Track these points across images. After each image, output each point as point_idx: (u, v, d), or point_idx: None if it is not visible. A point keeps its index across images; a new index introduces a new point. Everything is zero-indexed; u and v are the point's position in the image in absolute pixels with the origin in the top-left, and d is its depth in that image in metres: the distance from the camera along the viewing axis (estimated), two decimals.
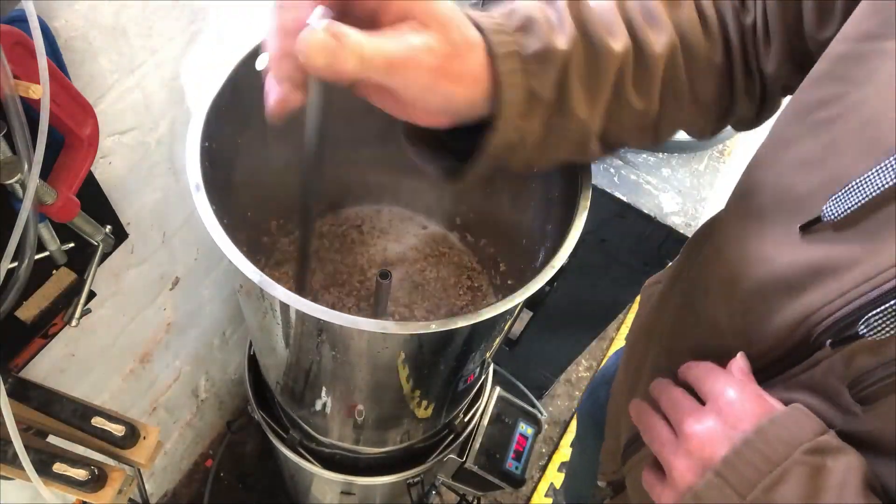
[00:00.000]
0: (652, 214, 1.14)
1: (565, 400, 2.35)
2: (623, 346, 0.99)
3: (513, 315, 0.83)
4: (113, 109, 0.85)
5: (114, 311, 1.11)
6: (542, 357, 1.81)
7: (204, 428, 1.86)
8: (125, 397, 1.33)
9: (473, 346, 0.85)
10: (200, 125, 0.71)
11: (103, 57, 0.78)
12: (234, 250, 0.64)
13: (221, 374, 1.75)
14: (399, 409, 0.98)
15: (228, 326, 1.61)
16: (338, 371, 0.83)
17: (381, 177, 1.17)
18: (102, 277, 1.02)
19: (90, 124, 0.72)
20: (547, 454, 2.24)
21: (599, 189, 1.16)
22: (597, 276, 1.35)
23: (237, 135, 0.85)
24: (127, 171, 0.95)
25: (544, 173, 0.92)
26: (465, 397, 1.16)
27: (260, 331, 0.87)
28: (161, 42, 0.87)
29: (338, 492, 1.32)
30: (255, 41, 0.79)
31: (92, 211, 0.82)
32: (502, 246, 1.13)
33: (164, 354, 1.38)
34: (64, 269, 0.86)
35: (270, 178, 1.02)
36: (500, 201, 1.06)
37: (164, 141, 0.99)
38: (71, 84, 0.68)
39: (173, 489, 1.88)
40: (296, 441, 1.17)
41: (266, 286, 0.63)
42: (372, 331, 0.64)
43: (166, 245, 1.15)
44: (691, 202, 1.17)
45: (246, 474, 1.96)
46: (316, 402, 0.98)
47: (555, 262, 0.72)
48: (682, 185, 1.20)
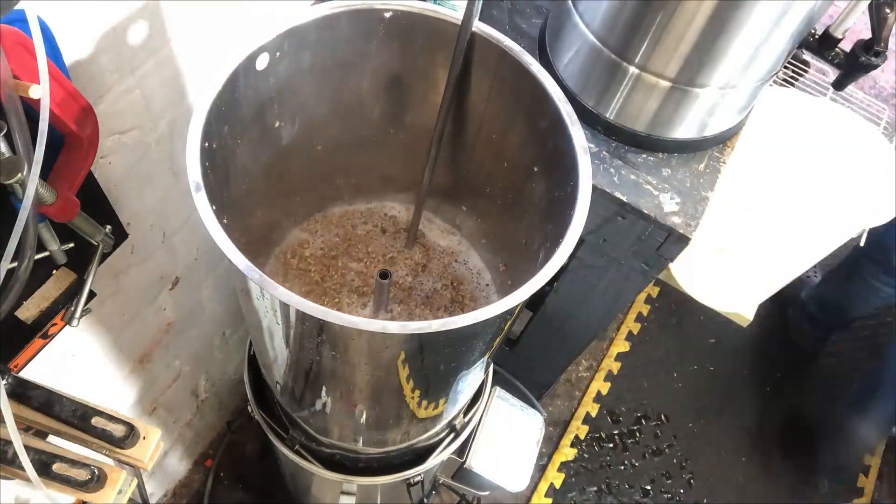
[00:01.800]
0: (652, 214, 1.14)
1: (565, 400, 2.35)
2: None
3: (513, 315, 0.83)
4: (113, 109, 0.85)
5: (114, 311, 1.11)
6: (542, 357, 1.81)
7: (204, 428, 1.86)
8: (125, 397, 1.33)
9: (473, 346, 0.85)
10: (200, 125, 0.71)
11: (103, 57, 0.78)
12: (234, 250, 0.64)
13: (221, 374, 1.75)
14: (399, 409, 0.97)
15: (228, 326, 1.61)
16: (338, 371, 0.83)
17: (381, 177, 1.17)
18: (102, 277, 1.02)
19: (90, 124, 0.72)
20: (547, 454, 2.23)
21: (599, 189, 1.16)
22: (597, 276, 1.35)
23: (237, 135, 0.85)
24: (127, 171, 0.95)
25: (544, 173, 0.92)
26: (465, 397, 1.16)
27: (260, 331, 0.87)
28: (161, 42, 0.87)
29: (338, 492, 1.32)
30: (256, 41, 0.79)
31: (92, 211, 0.82)
32: (502, 246, 1.13)
33: (164, 354, 1.38)
34: (64, 269, 0.86)
35: (271, 178, 1.02)
36: (501, 202, 1.06)
37: (164, 141, 0.99)
38: (71, 84, 0.68)
39: (173, 489, 1.88)
40: (296, 441, 1.17)
41: (266, 286, 0.63)
42: (372, 331, 0.64)
43: (166, 245, 1.15)
44: (691, 202, 1.17)
45: (246, 474, 1.96)
46: (316, 402, 0.98)
47: (555, 262, 0.72)
48: (682, 185, 1.19)
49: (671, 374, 2.47)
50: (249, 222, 1.03)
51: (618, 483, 2.22)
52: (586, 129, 1.23)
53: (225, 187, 0.85)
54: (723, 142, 1.28)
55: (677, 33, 1.02)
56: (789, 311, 2.59)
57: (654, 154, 1.23)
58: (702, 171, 1.24)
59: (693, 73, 1.08)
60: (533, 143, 0.91)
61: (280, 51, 0.82)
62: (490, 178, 1.07)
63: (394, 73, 0.96)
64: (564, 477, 2.20)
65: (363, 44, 0.90)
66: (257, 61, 0.81)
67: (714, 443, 2.36)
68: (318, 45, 0.87)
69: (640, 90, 1.14)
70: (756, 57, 1.06)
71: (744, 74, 1.09)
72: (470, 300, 1.17)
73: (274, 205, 1.09)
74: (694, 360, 2.51)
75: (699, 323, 2.57)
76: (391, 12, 0.86)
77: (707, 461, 2.32)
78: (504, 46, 0.86)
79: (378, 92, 0.99)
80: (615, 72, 1.13)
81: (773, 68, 1.12)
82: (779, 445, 2.40)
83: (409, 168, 1.12)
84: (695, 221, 1.16)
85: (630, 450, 2.29)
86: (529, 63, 0.85)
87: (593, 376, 2.42)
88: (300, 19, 0.82)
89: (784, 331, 2.59)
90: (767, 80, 1.15)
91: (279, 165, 1.01)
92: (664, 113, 1.16)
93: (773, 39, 1.03)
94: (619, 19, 1.08)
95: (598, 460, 2.26)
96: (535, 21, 1.35)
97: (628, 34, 1.08)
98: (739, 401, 2.46)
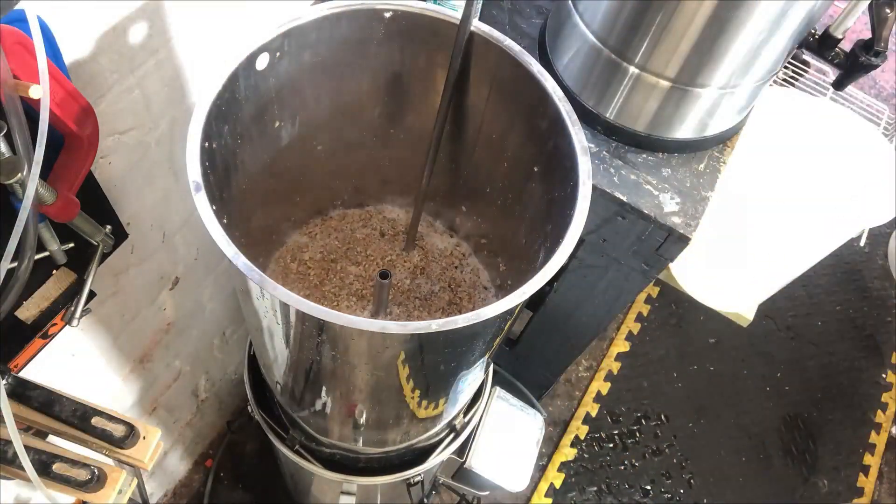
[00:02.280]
0: (652, 214, 1.14)
1: (565, 400, 2.35)
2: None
3: (513, 315, 0.83)
4: (113, 109, 0.85)
5: (114, 311, 1.11)
6: (542, 357, 1.81)
7: (204, 428, 1.86)
8: (125, 397, 1.33)
9: (473, 346, 0.85)
10: (201, 124, 0.71)
11: (103, 57, 0.78)
12: (234, 250, 0.64)
13: (221, 374, 1.75)
14: (399, 409, 0.97)
15: (228, 326, 1.61)
16: (338, 371, 0.83)
17: (381, 179, 1.17)
18: (102, 277, 1.02)
19: (90, 124, 0.72)
20: (547, 454, 2.23)
21: (599, 189, 1.16)
22: (597, 276, 1.35)
23: (237, 135, 0.85)
24: (127, 171, 0.95)
25: (544, 173, 0.92)
26: (465, 397, 1.16)
27: (260, 331, 0.87)
28: (161, 42, 0.87)
29: (338, 492, 1.32)
30: (256, 41, 0.79)
31: (92, 211, 0.82)
32: (502, 246, 1.13)
33: (164, 354, 1.38)
34: (64, 269, 0.86)
35: (270, 178, 1.02)
36: (500, 202, 1.06)
37: (164, 141, 0.99)
38: (71, 84, 0.68)
39: (173, 489, 1.88)
40: (296, 441, 1.17)
41: (266, 286, 0.63)
42: (372, 331, 0.64)
43: (166, 245, 1.15)
44: (691, 202, 1.17)
45: (246, 474, 1.96)
46: (316, 402, 0.98)
47: (555, 263, 0.72)
48: (682, 185, 1.19)
49: (671, 374, 2.47)
50: (249, 223, 1.03)
51: (618, 483, 2.22)
52: (586, 129, 1.23)
53: (225, 187, 0.85)
54: (723, 142, 1.28)
55: (677, 33, 1.02)
56: None
57: (654, 154, 1.23)
58: (702, 171, 1.24)
59: (693, 73, 1.08)
60: (533, 144, 0.91)
61: (280, 51, 0.83)
62: (490, 178, 1.07)
63: (394, 73, 0.96)
64: (564, 477, 2.20)
65: (363, 44, 0.90)
66: (257, 61, 0.81)
67: (714, 443, 2.36)
68: (318, 45, 0.87)
69: (640, 90, 1.14)
70: (756, 57, 1.06)
71: (744, 74, 1.09)
72: (468, 301, 1.17)
73: (273, 206, 1.09)
74: (694, 360, 2.51)
75: (699, 323, 2.57)
76: (391, 12, 0.86)
77: (707, 461, 2.32)
78: (504, 46, 0.86)
79: (378, 92, 0.99)
80: (615, 72, 1.13)
81: (773, 68, 1.12)
82: (779, 445, 2.40)
83: (408, 168, 1.12)
84: (695, 221, 1.16)
85: (630, 450, 2.29)
86: (529, 63, 0.85)
87: (593, 376, 2.42)
88: (300, 19, 0.82)
89: (784, 331, 2.60)
90: (767, 80, 1.15)
91: (279, 165, 1.01)
92: (664, 113, 1.16)
93: (773, 39, 1.03)
94: (619, 19, 1.08)
95: (598, 460, 2.26)
96: (535, 21, 1.35)
97: (628, 34, 1.08)
98: (739, 401, 2.46)
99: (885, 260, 2.84)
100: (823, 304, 2.73)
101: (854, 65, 1.13)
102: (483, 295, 1.18)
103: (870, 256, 2.87)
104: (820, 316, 2.70)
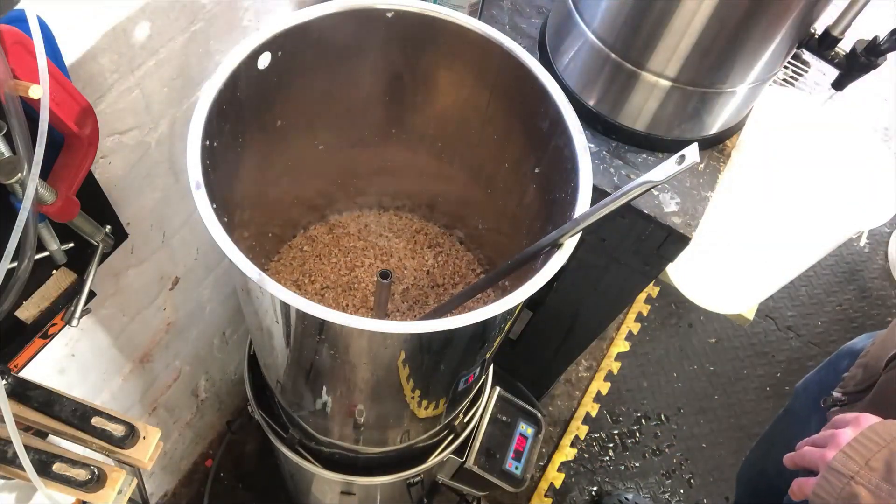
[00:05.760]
0: (652, 214, 1.14)
1: (565, 400, 2.35)
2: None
3: (513, 315, 0.83)
4: (113, 109, 0.85)
5: (114, 311, 1.11)
6: (542, 357, 1.81)
7: (204, 428, 1.86)
8: (125, 397, 1.33)
9: (473, 346, 0.85)
10: (202, 123, 0.71)
11: (103, 57, 0.78)
12: (234, 250, 0.64)
13: (221, 374, 1.75)
14: (399, 409, 0.97)
15: (228, 326, 1.61)
16: (338, 371, 0.83)
17: (382, 179, 1.17)
18: (102, 277, 1.02)
19: (90, 124, 0.72)
20: (547, 454, 2.23)
21: (599, 189, 1.16)
22: (597, 276, 1.35)
23: (237, 134, 0.85)
24: (127, 171, 0.95)
25: (545, 174, 0.92)
26: (465, 397, 1.16)
27: (260, 331, 0.87)
28: (161, 42, 0.87)
29: (338, 492, 1.32)
30: (256, 41, 0.79)
31: (92, 211, 0.81)
32: (502, 246, 1.13)
33: (164, 354, 1.38)
34: (64, 269, 0.86)
35: (271, 178, 1.02)
36: (501, 203, 1.06)
37: (164, 141, 0.99)
38: (71, 84, 0.68)
39: (173, 489, 1.88)
40: (295, 441, 1.17)
41: (266, 285, 0.63)
42: (372, 330, 0.64)
43: (166, 245, 1.15)
44: (691, 202, 1.17)
45: (246, 474, 1.96)
46: (316, 401, 0.98)
47: (555, 263, 0.72)
48: (682, 185, 1.19)
49: (671, 374, 2.47)
50: (249, 223, 1.03)
51: (618, 483, 2.22)
52: (586, 129, 1.23)
53: (225, 186, 0.85)
54: (722, 142, 1.28)
55: (677, 33, 1.02)
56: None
57: (653, 154, 1.23)
58: (702, 171, 1.24)
59: (693, 73, 1.08)
60: (533, 144, 0.91)
61: (282, 50, 0.83)
62: (490, 178, 1.07)
63: (395, 73, 0.96)
64: (564, 477, 2.20)
65: (364, 43, 0.90)
66: (259, 60, 0.81)
67: (714, 443, 2.36)
68: (319, 44, 0.87)
69: (640, 90, 1.14)
70: (756, 57, 1.06)
71: (743, 74, 1.09)
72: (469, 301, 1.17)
73: (274, 205, 1.09)
74: (694, 360, 2.51)
75: (699, 323, 2.57)
76: (392, 12, 0.86)
77: (707, 461, 2.32)
78: (504, 46, 0.86)
79: (379, 91, 0.99)
80: (615, 71, 1.13)
81: (772, 68, 1.12)
82: None
83: (410, 168, 1.12)
84: (695, 221, 1.16)
85: (630, 450, 2.29)
86: (530, 63, 0.85)
87: (593, 376, 2.42)
88: (302, 18, 0.82)
89: (784, 331, 2.60)
90: (767, 80, 1.15)
91: (280, 165, 1.01)
92: (664, 113, 1.16)
93: (772, 39, 1.03)
94: (620, 19, 1.08)
95: (598, 460, 2.26)
96: (535, 21, 1.35)
97: (628, 34, 1.08)
98: (739, 401, 2.46)
99: (885, 260, 2.84)
100: (823, 304, 2.73)
101: (854, 65, 1.13)
102: (483, 294, 1.18)
103: (870, 256, 2.87)
104: (820, 316, 2.70)
